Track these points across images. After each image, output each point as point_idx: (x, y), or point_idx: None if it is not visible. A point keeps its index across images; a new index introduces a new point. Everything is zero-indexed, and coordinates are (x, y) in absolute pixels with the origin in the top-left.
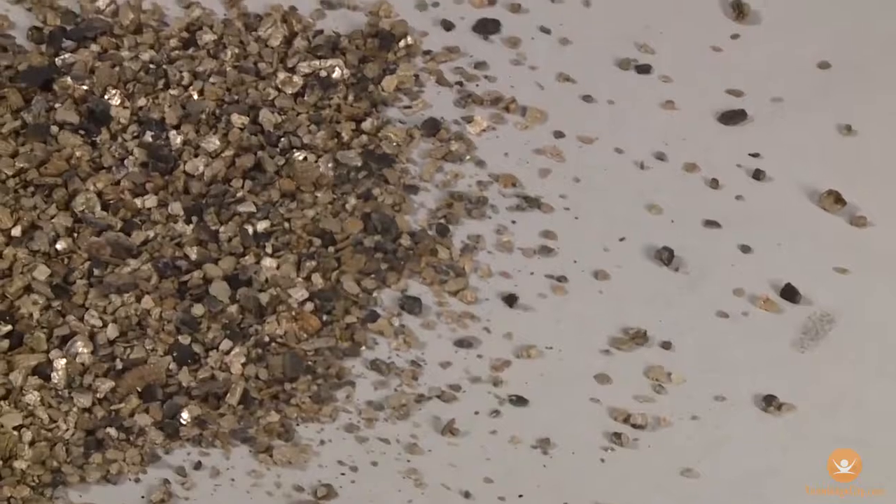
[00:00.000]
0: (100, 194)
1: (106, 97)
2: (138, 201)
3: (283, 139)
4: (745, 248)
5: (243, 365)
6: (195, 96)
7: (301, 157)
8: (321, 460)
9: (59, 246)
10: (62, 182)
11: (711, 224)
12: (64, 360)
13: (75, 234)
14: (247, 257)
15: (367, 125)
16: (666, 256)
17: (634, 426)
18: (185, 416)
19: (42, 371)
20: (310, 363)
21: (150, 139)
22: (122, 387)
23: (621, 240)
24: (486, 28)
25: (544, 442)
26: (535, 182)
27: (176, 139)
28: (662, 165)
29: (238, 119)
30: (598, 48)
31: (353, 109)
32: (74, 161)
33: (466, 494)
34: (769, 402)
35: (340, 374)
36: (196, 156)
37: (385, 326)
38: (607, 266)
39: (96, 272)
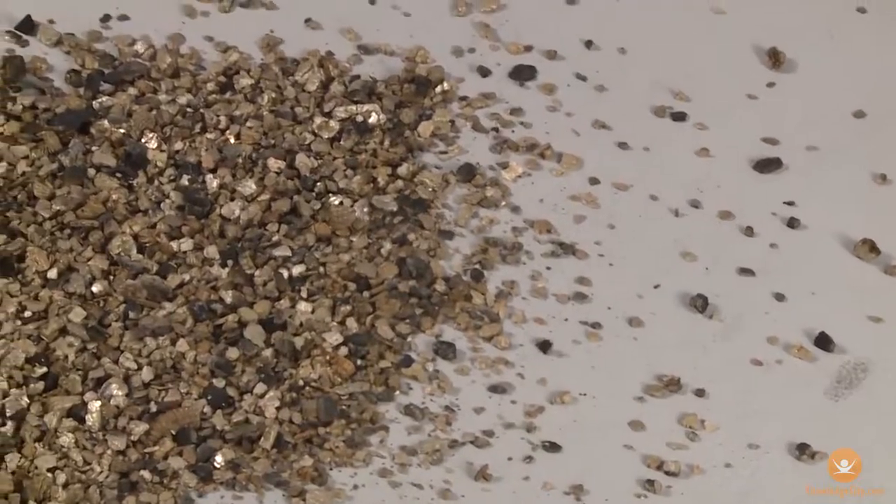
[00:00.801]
0: (136, 237)
1: (143, 140)
2: (174, 244)
3: (319, 183)
4: (780, 297)
5: (277, 409)
6: (232, 140)
7: (337, 202)
8: None
9: (94, 288)
10: (98, 225)
11: (746, 272)
12: (98, 403)
13: (111, 277)
14: (282, 301)
15: (402, 170)
16: (700, 304)
17: (668, 473)
18: (218, 459)
19: (76, 413)
20: (344, 407)
21: (187, 183)
22: (157, 430)
23: (656, 287)
24: (522, 74)
25: (577, 488)
26: (570, 228)
27: (212, 183)
28: (697, 213)
29: (274, 163)
30: (634, 95)
31: (389, 154)
32: (111, 204)
33: None
34: (802, 451)
35: (374, 418)
36: (232, 199)
37: (419, 371)
38: (641, 313)
39: (132, 315)
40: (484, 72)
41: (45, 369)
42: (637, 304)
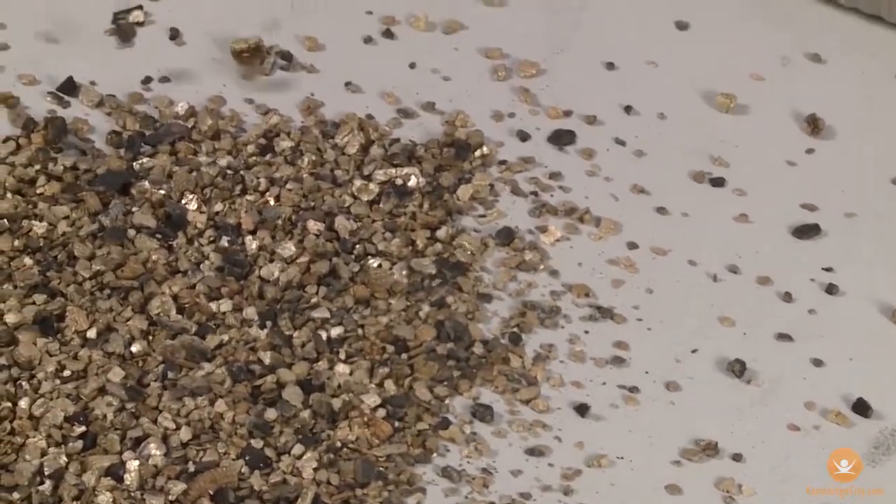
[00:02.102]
0: (175, 298)
1: (183, 202)
2: (213, 305)
3: (358, 246)
4: (818, 362)
5: (315, 470)
6: (271, 202)
7: (376, 265)
8: None
9: (134, 348)
10: (138, 285)
11: (784, 337)
12: (137, 462)
13: (150, 337)
14: (320, 363)
15: (441, 233)
16: (738, 369)
17: None
18: None
19: (115, 472)
20: (381, 469)
21: (226, 244)
22: (194, 490)
23: (693, 351)
24: (562, 139)
25: None
26: (609, 292)
27: (252, 244)
28: (735, 278)
29: (314, 225)
30: (673, 160)
31: (428, 217)
32: (151, 264)
33: None
34: None
35: (411, 480)
36: (271, 261)
37: (456, 434)
38: (679, 377)
39: (170, 375)
40: (523, 136)
41: (83, 428)
42: (675, 369)
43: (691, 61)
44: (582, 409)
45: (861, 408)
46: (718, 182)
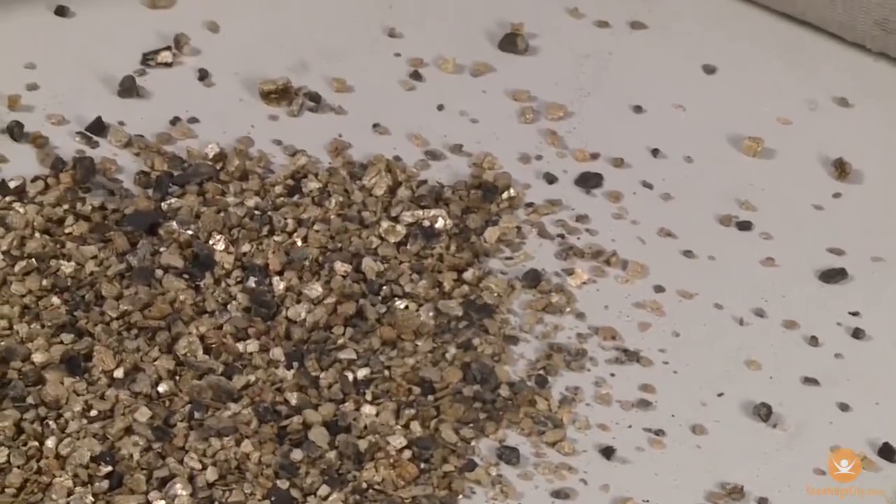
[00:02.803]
0: (202, 338)
1: (211, 242)
2: (240, 346)
3: (385, 287)
4: (844, 406)
5: None
6: (299, 243)
7: (402, 306)
8: None
9: (160, 388)
10: (165, 325)
11: (810, 381)
12: (163, 502)
13: (177, 377)
14: (346, 404)
15: (468, 275)
16: (764, 412)
17: None
18: None
19: None
20: None
21: (254, 285)
22: None
23: (720, 395)
24: (589, 182)
25: None
26: (635, 335)
27: (279, 285)
28: (762, 322)
29: (341, 267)
30: (700, 204)
31: (455, 259)
32: (178, 305)
33: None
34: None
35: None
36: (298, 302)
37: (482, 476)
38: (705, 421)
39: (197, 415)
40: (550, 178)
41: (110, 468)
42: (701, 412)
43: (718, 105)
44: (608, 452)
45: (887, 452)
46: (745, 226)
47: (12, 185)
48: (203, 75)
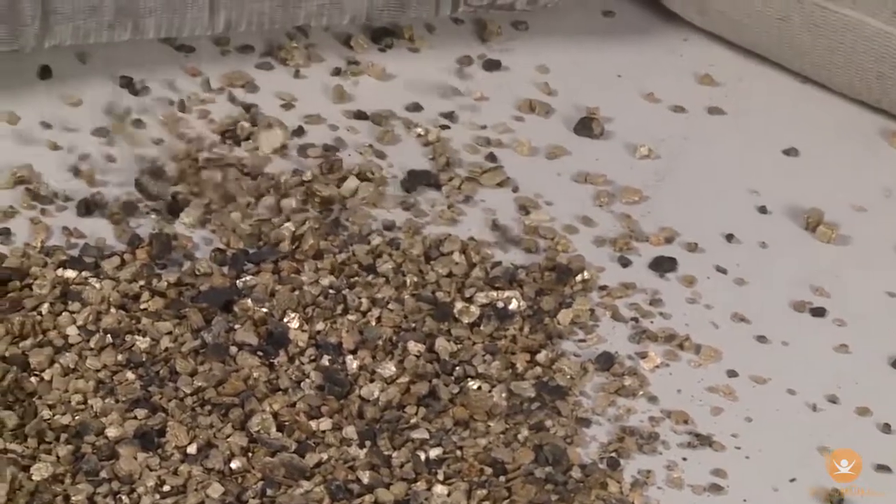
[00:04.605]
0: (275, 415)
1: (285, 320)
2: (313, 424)
3: (458, 368)
4: None
5: None
6: (373, 322)
7: (475, 387)
8: None
9: (233, 465)
10: (239, 402)
11: (882, 468)
12: None
13: (250, 454)
14: (418, 483)
15: (541, 357)
16: (836, 499)
17: None
18: None
19: None
20: None
21: (327, 363)
22: None
23: (792, 480)
24: (663, 266)
25: None
26: (707, 420)
27: (352, 364)
28: (835, 408)
29: (414, 347)
30: (774, 289)
31: (529, 341)
32: (252, 382)
33: None
34: None
35: None
36: (372, 381)
37: None
38: None
39: (269, 492)
40: (624, 262)
41: None
42: (773, 498)
43: (793, 190)
44: None
45: None
46: (819, 312)
47: (88, 260)
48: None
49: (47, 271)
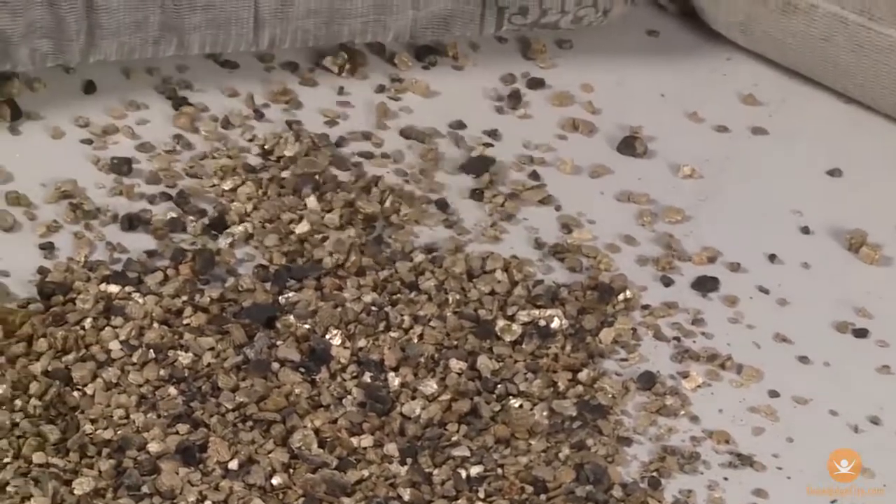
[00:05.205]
0: (317, 432)
1: (327, 337)
2: (354, 440)
3: (499, 386)
4: None
5: None
6: (415, 340)
7: (517, 405)
8: None
9: (274, 481)
10: (280, 418)
11: None
12: None
13: (291, 471)
14: (459, 501)
15: (583, 376)
16: None
17: None
18: None
19: None
20: None
21: (369, 380)
22: None
23: (833, 502)
24: (705, 286)
25: None
26: (749, 440)
27: (394, 381)
28: (877, 429)
29: (456, 364)
30: (816, 310)
31: (570, 360)
32: (293, 398)
33: None
34: None
35: None
36: (413, 398)
37: None
38: None
39: None
40: (667, 281)
41: None
42: None
43: (836, 211)
44: None
45: None
46: (861, 333)
47: (131, 275)
48: None
49: (90, 286)
